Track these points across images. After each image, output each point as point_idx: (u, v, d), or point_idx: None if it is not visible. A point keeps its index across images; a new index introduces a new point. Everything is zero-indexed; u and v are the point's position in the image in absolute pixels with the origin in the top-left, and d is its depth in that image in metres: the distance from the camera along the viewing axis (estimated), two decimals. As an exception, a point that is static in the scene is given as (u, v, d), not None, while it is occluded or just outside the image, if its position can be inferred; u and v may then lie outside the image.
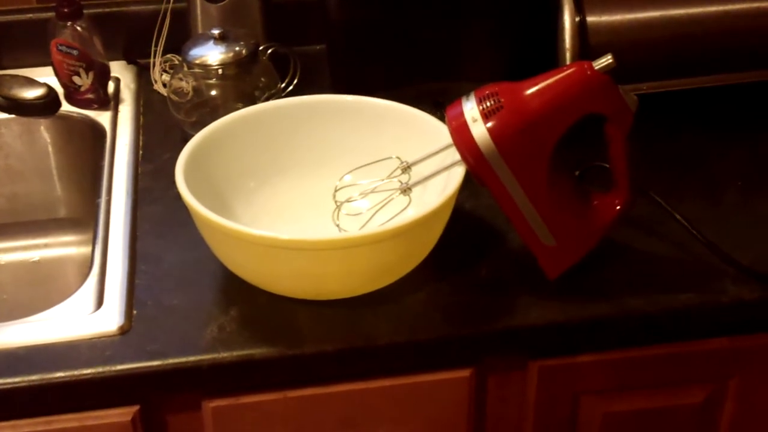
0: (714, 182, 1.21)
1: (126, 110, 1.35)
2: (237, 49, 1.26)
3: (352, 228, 1.05)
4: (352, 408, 1.05)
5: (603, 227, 1.05)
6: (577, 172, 1.15)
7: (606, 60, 0.96)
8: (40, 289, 1.37)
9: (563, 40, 1.21)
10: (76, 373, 0.95)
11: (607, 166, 1.04)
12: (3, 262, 1.40)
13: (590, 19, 1.21)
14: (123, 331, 1.00)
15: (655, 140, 1.27)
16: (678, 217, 1.11)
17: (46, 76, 1.34)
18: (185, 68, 1.26)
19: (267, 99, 1.26)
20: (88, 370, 0.96)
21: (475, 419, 1.10)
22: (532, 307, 1.03)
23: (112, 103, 1.37)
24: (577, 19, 1.21)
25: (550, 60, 1.23)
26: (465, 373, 1.05)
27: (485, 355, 1.06)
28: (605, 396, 1.11)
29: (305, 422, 1.05)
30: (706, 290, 1.05)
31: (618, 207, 1.04)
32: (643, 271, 1.08)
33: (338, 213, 1.06)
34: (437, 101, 1.21)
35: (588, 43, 1.21)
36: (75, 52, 1.31)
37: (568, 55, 1.21)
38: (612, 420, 1.12)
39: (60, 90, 1.34)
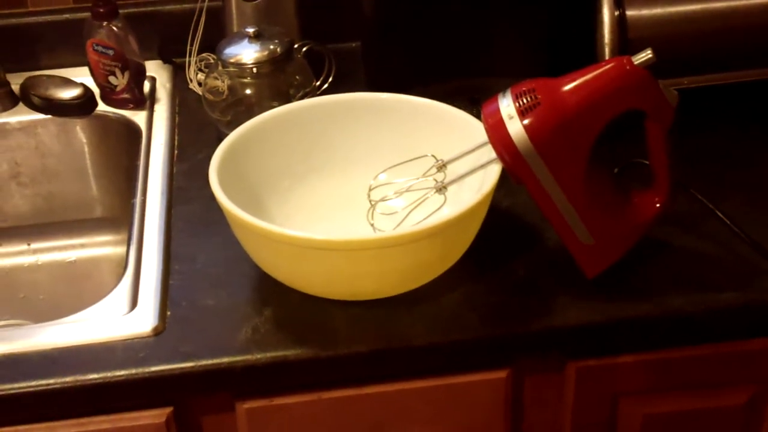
0: (757, 179, 1.19)
1: (161, 109, 1.36)
2: (272, 47, 1.25)
3: (387, 227, 1.04)
4: (387, 409, 1.04)
5: (643, 225, 1.03)
6: (616, 169, 1.13)
7: (646, 55, 0.95)
8: (77, 289, 1.37)
9: (602, 35, 1.19)
10: (109, 374, 0.95)
11: (647, 162, 1.02)
12: (41, 263, 1.40)
13: (630, 13, 1.20)
14: (157, 332, 1.00)
15: (696, 135, 1.25)
16: (720, 214, 1.09)
17: (82, 76, 1.35)
18: (220, 67, 1.26)
19: (302, 97, 1.26)
20: (122, 372, 0.96)
21: (511, 421, 1.08)
22: (569, 307, 1.02)
23: (147, 102, 1.37)
24: (617, 13, 1.19)
25: (589, 55, 1.21)
26: (501, 374, 1.04)
27: (522, 356, 1.05)
28: (645, 397, 1.09)
29: (339, 424, 1.04)
30: (749, 289, 1.04)
31: (658, 205, 1.02)
32: (683, 270, 1.06)
33: (373, 212, 1.05)
34: (473, 97, 1.20)
35: (627, 38, 1.20)
36: (111, 52, 1.31)
37: (607, 50, 1.19)
38: (652, 422, 1.11)
39: (96, 90, 1.34)
